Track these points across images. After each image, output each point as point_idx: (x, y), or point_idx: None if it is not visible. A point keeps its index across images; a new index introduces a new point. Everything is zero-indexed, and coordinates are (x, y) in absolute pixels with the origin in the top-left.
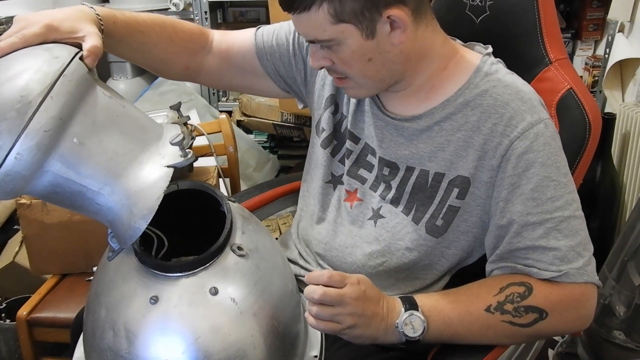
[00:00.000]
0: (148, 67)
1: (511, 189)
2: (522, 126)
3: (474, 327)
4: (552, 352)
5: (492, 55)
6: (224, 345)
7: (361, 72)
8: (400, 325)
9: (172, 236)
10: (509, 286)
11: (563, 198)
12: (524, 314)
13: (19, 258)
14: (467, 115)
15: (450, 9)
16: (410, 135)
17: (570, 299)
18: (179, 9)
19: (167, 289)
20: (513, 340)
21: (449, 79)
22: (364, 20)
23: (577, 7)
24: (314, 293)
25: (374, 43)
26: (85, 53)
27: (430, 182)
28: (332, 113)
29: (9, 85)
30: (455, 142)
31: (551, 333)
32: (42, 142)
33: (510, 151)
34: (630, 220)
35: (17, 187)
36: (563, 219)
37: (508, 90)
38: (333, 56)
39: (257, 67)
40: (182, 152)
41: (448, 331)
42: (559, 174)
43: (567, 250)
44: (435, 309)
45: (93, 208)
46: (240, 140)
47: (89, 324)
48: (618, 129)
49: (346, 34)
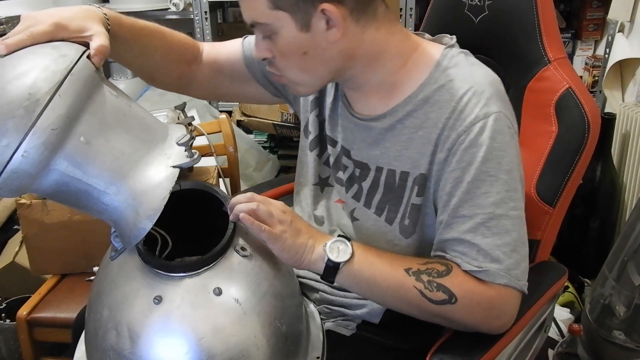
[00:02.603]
0: (144, 74)
1: (454, 183)
2: (469, 120)
3: (390, 280)
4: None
5: (456, 47)
6: (227, 346)
7: (297, 66)
8: (328, 248)
9: (175, 236)
10: (434, 262)
11: (498, 195)
12: (435, 290)
13: (19, 258)
14: (427, 112)
15: (450, 9)
16: (377, 134)
17: (484, 295)
18: (179, 9)
19: (170, 289)
20: (420, 311)
21: (410, 75)
22: (298, 11)
23: (577, 7)
24: (242, 197)
25: (309, 37)
26: (93, 52)
27: (397, 181)
28: (316, 116)
29: (17, 83)
30: (417, 139)
31: (459, 322)
32: (50, 140)
33: (457, 145)
34: (630, 220)
35: (23, 185)
36: (494, 216)
37: (463, 84)
38: (273, 48)
39: (246, 75)
40: (189, 153)
41: (367, 272)
42: (499, 170)
43: (491, 249)
44: (363, 249)
45: (98, 207)
46: (240, 140)
47: (91, 324)
48: (618, 129)
49: (282, 22)
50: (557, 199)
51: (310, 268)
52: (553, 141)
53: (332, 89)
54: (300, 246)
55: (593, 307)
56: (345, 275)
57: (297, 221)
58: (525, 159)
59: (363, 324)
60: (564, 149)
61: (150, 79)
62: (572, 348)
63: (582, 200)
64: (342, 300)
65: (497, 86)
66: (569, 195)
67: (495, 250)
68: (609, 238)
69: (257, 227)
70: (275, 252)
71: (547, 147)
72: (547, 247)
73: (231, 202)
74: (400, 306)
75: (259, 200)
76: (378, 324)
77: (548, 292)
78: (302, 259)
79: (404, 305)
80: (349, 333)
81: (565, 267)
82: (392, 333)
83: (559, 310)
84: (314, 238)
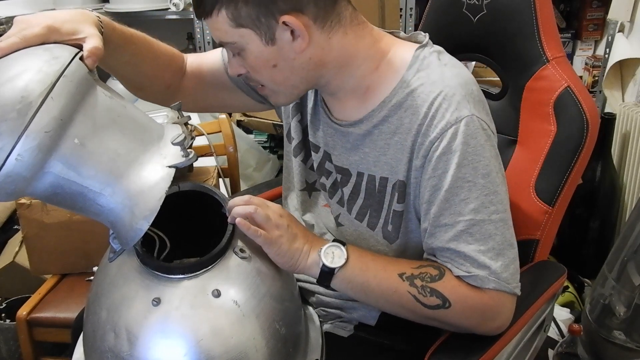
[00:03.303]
0: (132, 84)
1: (432, 191)
2: (441, 126)
3: (384, 285)
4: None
5: (428, 45)
6: (225, 348)
7: (270, 79)
8: (323, 253)
9: (173, 238)
10: (427, 266)
11: (477, 200)
12: (429, 295)
13: (19, 258)
14: (401, 117)
15: (448, 8)
16: (355, 140)
17: (477, 300)
18: (179, 9)
19: (169, 290)
20: (415, 315)
21: (382, 79)
22: (261, 26)
23: (577, 7)
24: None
25: (276, 49)
26: (86, 54)
27: (377, 187)
28: (299, 121)
29: (9, 86)
30: (393, 145)
31: (455, 325)
32: (43, 143)
33: (431, 153)
34: (630, 220)
35: (19, 189)
36: (475, 222)
37: (434, 87)
38: (244, 63)
39: (228, 83)
40: (184, 152)
41: (361, 278)
42: (475, 175)
43: (476, 255)
44: (358, 252)
45: (94, 209)
46: (240, 140)
47: (90, 325)
48: (618, 129)
49: (246, 39)
50: (556, 199)
51: (306, 273)
52: (552, 140)
53: (312, 94)
54: (296, 251)
55: (593, 307)
56: (340, 280)
57: (293, 225)
58: (523, 158)
59: (360, 325)
60: (562, 148)
61: (139, 89)
62: (572, 348)
63: (582, 200)
64: (338, 303)
65: (469, 87)
66: (568, 194)
67: (481, 256)
68: (609, 238)
69: (253, 231)
70: (271, 257)
71: (546, 146)
72: (546, 246)
73: (229, 205)
74: (395, 310)
75: (256, 203)
76: (375, 325)
77: (547, 292)
78: (298, 263)
79: (398, 309)
80: (347, 334)
81: (564, 266)
82: (390, 334)
83: (559, 310)
84: (310, 243)
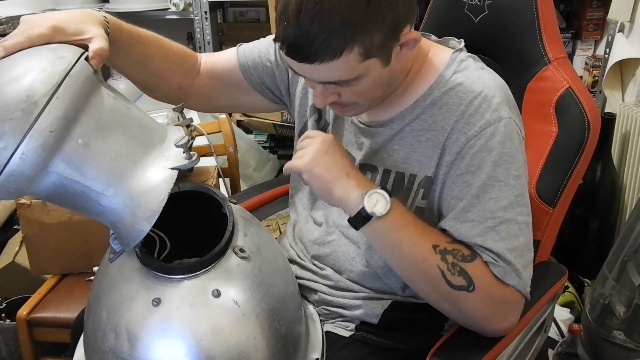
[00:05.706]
0: (142, 83)
1: (463, 186)
2: (480, 124)
3: (415, 251)
4: (552, 352)
5: (464, 51)
6: (226, 348)
7: (372, 97)
8: (367, 195)
9: (173, 238)
10: (461, 243)
11: (507, 200)
12: (457, 274)
13: (19, 258)
14: (434, 114)
15: (449, 9)
16: (385, 139)
17: (499, 291)
18: (179, 9)
19: (169, 291)
20: (433, 289)
21: (420, 79)
22: (385, 51)
23: (577, 7)
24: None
25: (389, 68)
26: (91, 54)
27: (405, 184)
28: (316, 121)
29: (14, 85)
30: (424, 142)
31: (467, 313)
32: (47, 142)
33: (466, 149)
34: (630, 220)
35: (21, 187)
36: (503, 221)
37: (473, 87)
38: (344, 90)
39: (243, 82)
40: (187, 154)
41: (395, 235)
42: (507, 176)
43: (502, 252)
44: (403, 209)
45: (96, 209)
46: (240, 140)
47: (90, 326)
48: (618, 129)
49: (370, 68)
50: (557, 199)
51: (340, 206)
52: (553, 141)
53: None
54: (333, 182)
55: (593, 307)
56: (372, 230)
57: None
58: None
59: (362, 324)
60: (564, 149)
61: (149, 89)
62: (572, 348)
63: (582, 200)
64: (340, 301)
65: (506, 91)
66: (569, 195)
67: (506, 253)
68: (609, 238)
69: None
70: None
71: (547, 147)
72: (547, 247)
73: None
74: (416, 278)
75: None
76: (377, 324)
77: (548, 293)
78: (334, 196)
79: (419, 279)
80: (348, 334)
81: (565, 267)
82: (391, 333)
83: (559, 310)
84: (354, 180)
